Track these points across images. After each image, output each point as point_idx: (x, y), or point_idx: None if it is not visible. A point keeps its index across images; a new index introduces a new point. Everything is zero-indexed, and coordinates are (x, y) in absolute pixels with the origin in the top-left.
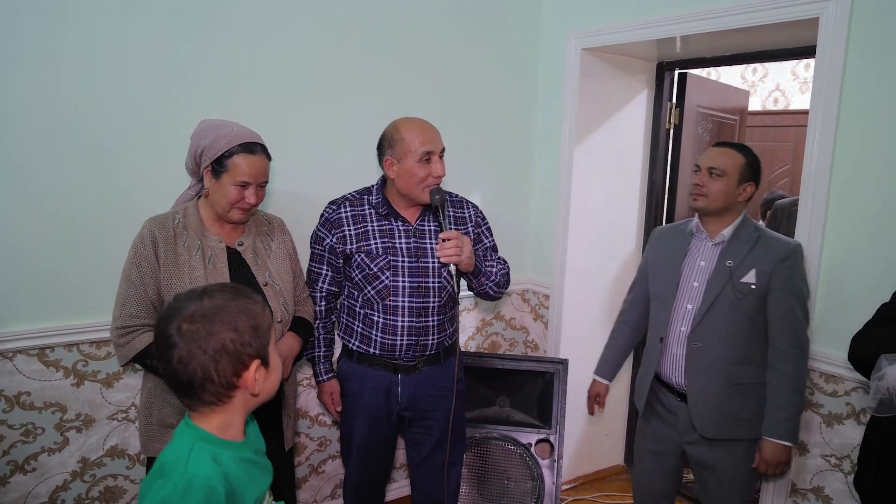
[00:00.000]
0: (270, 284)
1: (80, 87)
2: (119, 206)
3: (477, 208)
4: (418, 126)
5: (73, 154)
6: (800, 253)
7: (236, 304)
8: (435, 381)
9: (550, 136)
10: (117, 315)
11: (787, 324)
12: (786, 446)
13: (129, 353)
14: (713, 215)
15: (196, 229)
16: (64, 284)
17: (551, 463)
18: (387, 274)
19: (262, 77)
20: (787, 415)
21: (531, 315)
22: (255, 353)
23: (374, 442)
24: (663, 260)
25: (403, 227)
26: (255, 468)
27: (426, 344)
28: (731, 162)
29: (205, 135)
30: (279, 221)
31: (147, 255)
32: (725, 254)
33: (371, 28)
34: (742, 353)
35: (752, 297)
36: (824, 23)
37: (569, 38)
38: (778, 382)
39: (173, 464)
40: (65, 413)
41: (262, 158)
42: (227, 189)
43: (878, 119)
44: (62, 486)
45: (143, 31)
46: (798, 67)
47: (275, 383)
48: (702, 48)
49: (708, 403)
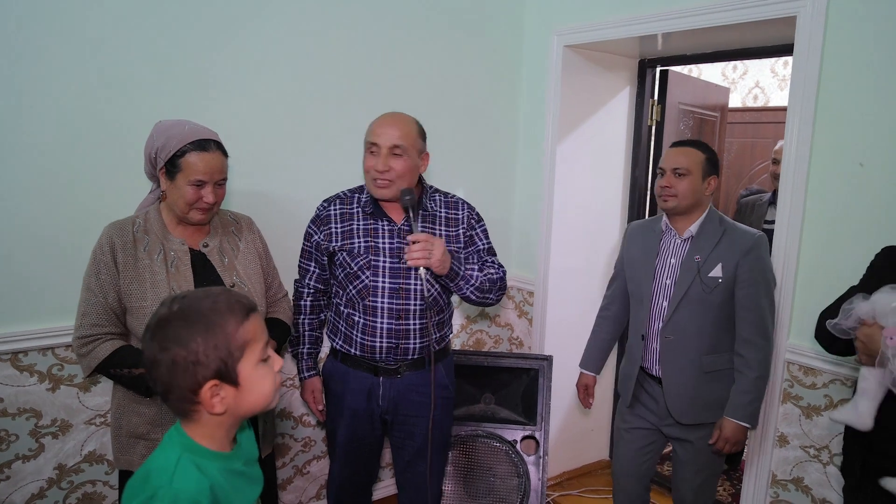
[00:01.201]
0: (238, 285)
1: (45, 88)
2: (93, 208)
3: (472, 210)
4: (381, 118)
5: (42, 155)
6: (764, 244)
7: (203, 317)
8: (418, 386)
9: (534, 132)
10: (78, 325)
11: (752, 313)
12: (744, 427)
13: (92, 363)
14: (682, 213)
15: (158, 233)
16: (37, 287)
17: (537, 459)
18: (367, 273)
19: (233, 77)
20: (750, 399)
21: (515, 312)
22: (213, 373)
23: (356, 443)
24: (638, 260)
25: (388, 227)
26: (243, 480)
27: (407, 348)
28: (693, 159)
29: (158, 136)
30: (247, 220)
31: (106, 262)
32: (693, 249)
33: (352, 25)
34: (712, 342)
35: (720, 290)
36: (801, 21)
37: (551, 35)
38: (743, 368)
39: (158, 473)
40: (40, 419)
41: (216, 155)
42: (182, 189)
43: (853, 115)
44: (38, 494)
45: (105, 31)
46: (777, 65)
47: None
48: (683, 45)
49: (682, 392)
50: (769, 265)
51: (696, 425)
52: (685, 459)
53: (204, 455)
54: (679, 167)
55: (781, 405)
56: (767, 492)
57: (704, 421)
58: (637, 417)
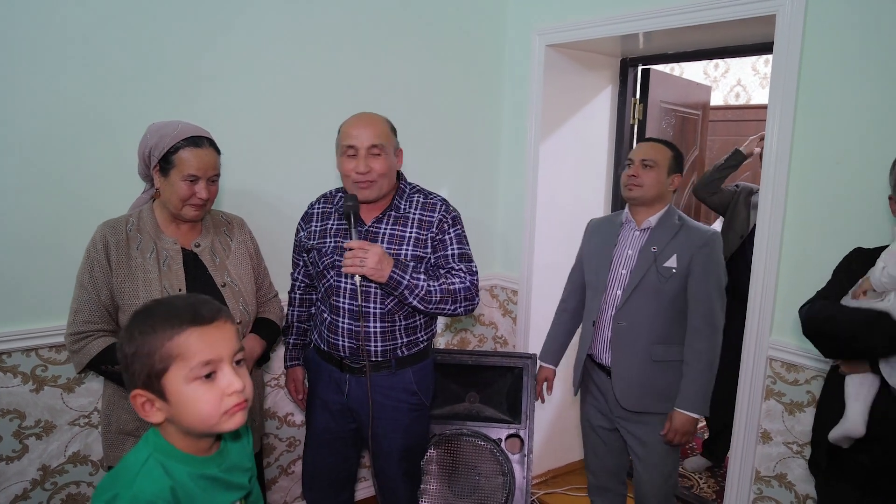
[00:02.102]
0: (229, 285)
1: (29, 85)
2: (77, 208)
3: (449, 213)
4: (352, 119)
5: (28, 155)
6: (718, 241)
7: (150, 324)
8: (383, 388)
9: (516, 132)
10: (71, 321)
11: (703, 304)
12: (694, 418)
13: (84, 360)
14: (645, 205)
15: (151, 232)
16: (20, 288)
17: (521, 457)
18: (331, 273)
19: (224, 77)
20: (697, 389)
21: (500, 311)
22: (140, 382)
23: (328, 434)
24: (596, 250)
25: (357, 229)
26: (217, 485)
27: (368, 350)
28: (662, 154)
29: (151, 136)
30: (239, 220)
31: (99, 260)
32: (651, 240)
33: (335, 26)
34: (663, 332)
35: (674, 281)
36: (781, 19)
37: (533, 35)
38: (691, 359)
39: (125, 472)
40: (23, 420)
41: (209, 151)
42: (176, 185)
43: (832, 112)
44: (22, 496)
45: (92, 29)
46: (758, 63)
47: (190, 419)
48: (664, 44)
49: (629, 378)
50: (721, 261)
51: (644, 416)
52: (641, 456)
53: (174, 457)
54: (647, 159)
55: (764, 402)
56: (751, 488)
57: (649, 410)
58: (595, 417)
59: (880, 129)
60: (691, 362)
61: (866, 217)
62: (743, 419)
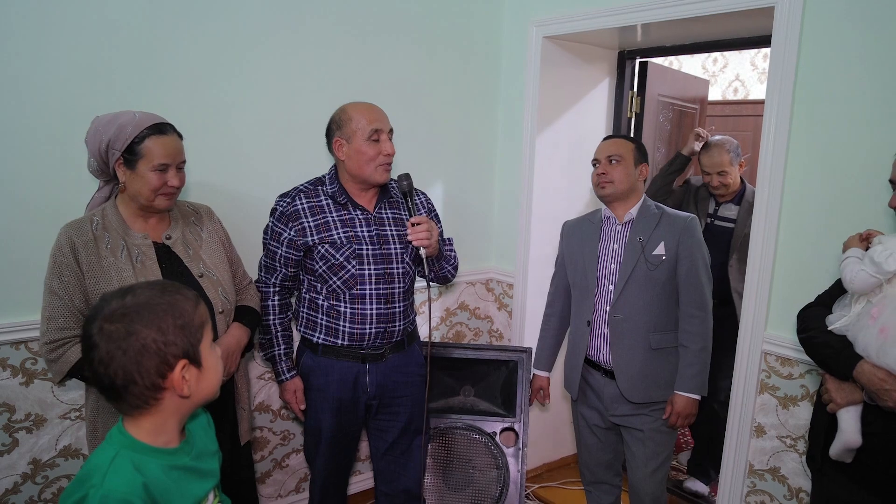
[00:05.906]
0: (206, 275)
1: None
2: (62, 199)
3: (426, 194)
4: (365, 106)
5: (5, 148)
6: (696, 224)
7: (162, 300)
8: (401, 367)
9: (513, 124)
10: (45, 329)
11: (693, 287)
12: (694, 399)
13: (64, 368)
14: (620, 199)
15: (117, 229)
16: (8, 281)
17: (516, 451)
18: (353, 263)
19: (193, 70)
20: (695, 371)
21: (495, 304)
22: (182, 352)
23: (341, 434)
24: (578, 250)
25: (363, 216)
26: (190, 475)
27: (394, 330)
28: (625, 148)
29: (104, 129)
30: (206, 209)
31: (68, 264)
32: (635, 231)
33: (325, 16)
34: (658, 320)
35: (664, 268)
36: (779, 12)
37: (530, 26)
38: (686, 341)
39: (92, 472)
40: (13, 413)
41: (174, 138)
42: (146, 177)
43: (830, 107)
44: (12, 490)
45: (48, 22)
46: (757, 58)
47: (211, 384)
48: (662, 37)
49: (632, 371)
50: (703, 243)
51: (644, 407)
52: (635, 448)
53: (144, 452)
54: (613, 154)
55: (758, 396)
56: (745, 481)
57: (653, 399)
58: (591, 417)
59: (878, 122)
60: (687, 345)
61: (863, 210)
62: (737, 413)
